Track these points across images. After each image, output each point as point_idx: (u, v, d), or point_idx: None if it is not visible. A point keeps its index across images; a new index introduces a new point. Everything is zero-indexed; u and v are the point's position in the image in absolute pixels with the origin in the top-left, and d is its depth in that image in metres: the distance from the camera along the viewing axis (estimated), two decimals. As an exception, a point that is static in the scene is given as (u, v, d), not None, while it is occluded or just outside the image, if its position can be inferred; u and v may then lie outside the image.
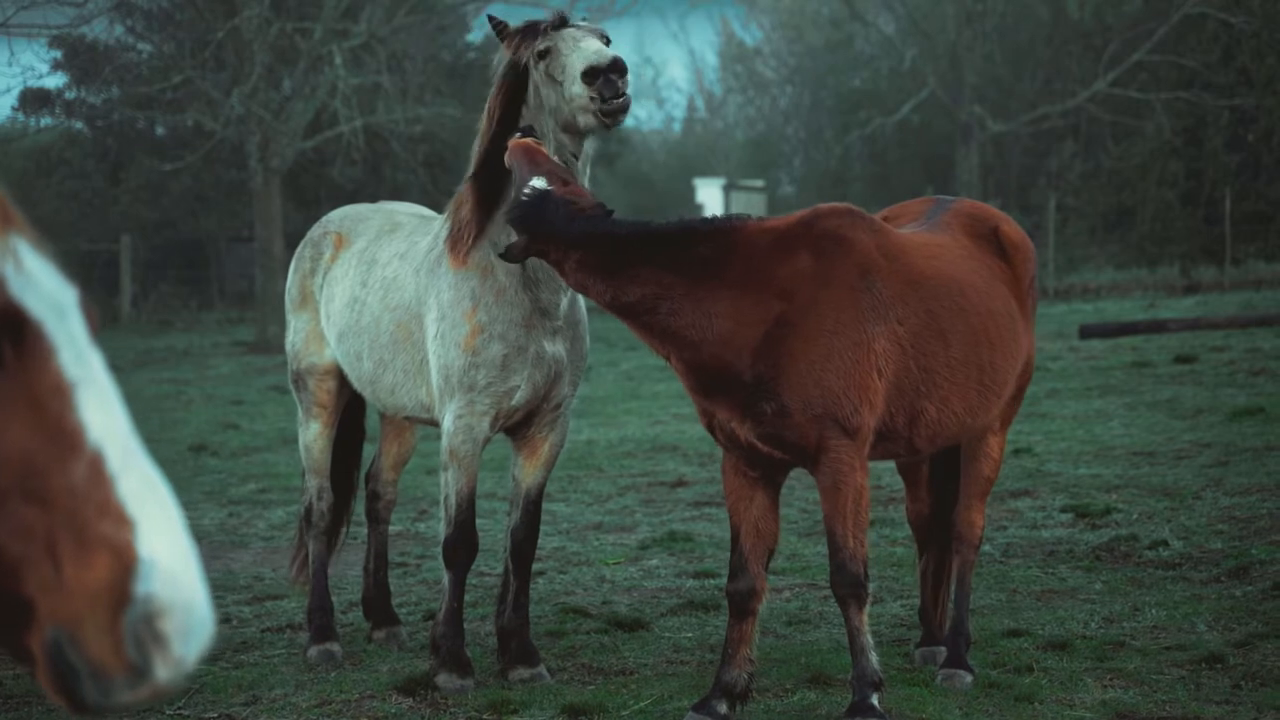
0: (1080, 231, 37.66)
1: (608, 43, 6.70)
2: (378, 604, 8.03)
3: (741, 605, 6.32)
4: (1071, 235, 37.06)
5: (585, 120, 6.54)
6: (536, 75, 6.71)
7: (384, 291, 7.30)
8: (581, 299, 7.10)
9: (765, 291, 6.07)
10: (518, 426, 7.07)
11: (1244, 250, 35.10)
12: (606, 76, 6.39)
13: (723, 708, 6.29)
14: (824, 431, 6.05)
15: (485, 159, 6.85)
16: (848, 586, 6.18)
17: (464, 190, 6.98)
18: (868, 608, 6.24)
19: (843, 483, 6.10)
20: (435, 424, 7.15)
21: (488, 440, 6.98)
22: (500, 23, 6.93)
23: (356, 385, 7.58)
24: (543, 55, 6.66)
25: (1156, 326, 22.05)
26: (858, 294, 6.13)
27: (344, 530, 8.30)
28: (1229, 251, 34.19)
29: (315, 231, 7.95)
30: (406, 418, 7.52)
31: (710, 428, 6.33)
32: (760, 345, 6.02)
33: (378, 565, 8.10)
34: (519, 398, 6.88)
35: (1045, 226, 35.75)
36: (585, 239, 5.95)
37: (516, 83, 6.79)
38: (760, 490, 6.33)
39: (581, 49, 6.54)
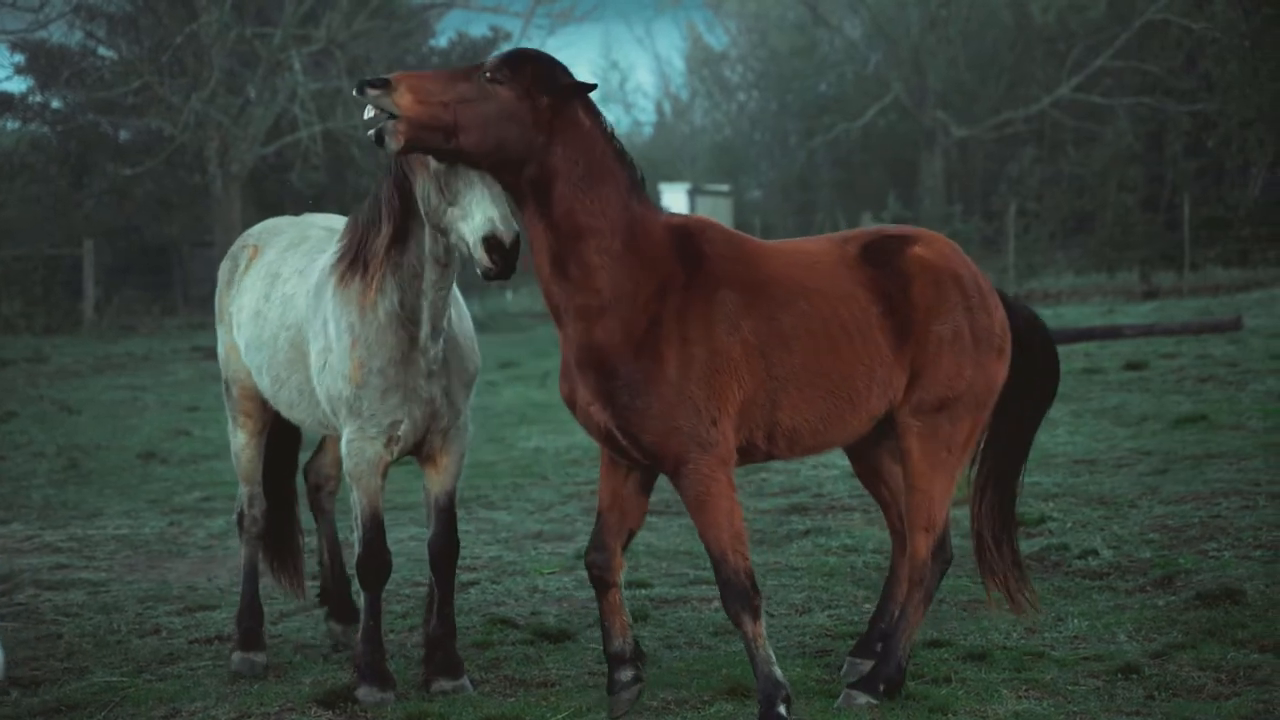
0: (1040, 237, 37.78)
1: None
2: (337, 596, 7.96)
3: (601, 577, 6.48)
4: (1032, 241, 37.17)
5: (473, 261, 6.34)
6: (425, 177, 6.45)
7: (282, 308, 7.26)
8: (466, 313, 7.14)
9: (651, 275, 6.15)
10: (417, 444, 7.03)
11: (1203, 256, 35.27)
12: (503, 253, 6.18)
13: (627, 674, 6.46)
14: (683, 444, 6.11)
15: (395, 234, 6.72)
16: (737, 601, 6.22)
17: (379, 222, 6.76)
18: (763, 618, 6.26)
19: (706, 496, 6.16)
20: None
21: (386, 464, 6.93)
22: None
23: (265, 396, 7.55)
24: (438, 173, 6.41)
25: (1112, 333, 22.10)
26: (713, 306, 6.19)
27: (300, 540, 8.18)
28: (1188, 257, 34.36)
29: (236, 244, 7.93)
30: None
31: (571, 404, 6.42)
32: (642, 336, 6.09)
33: (332, 556, 8.01)
34: (404, 429, 6.86)
35: (1006, 232, 35.92)
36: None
37: (404, 177, 6.60)
38: (634, 478, 6.47)
39: (481, 204, 6.26)
